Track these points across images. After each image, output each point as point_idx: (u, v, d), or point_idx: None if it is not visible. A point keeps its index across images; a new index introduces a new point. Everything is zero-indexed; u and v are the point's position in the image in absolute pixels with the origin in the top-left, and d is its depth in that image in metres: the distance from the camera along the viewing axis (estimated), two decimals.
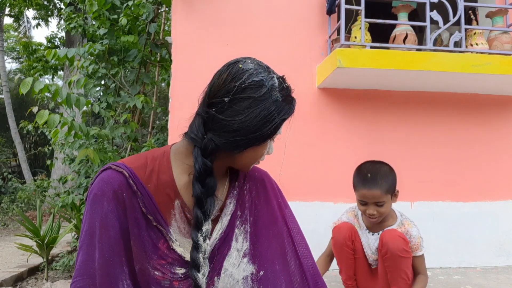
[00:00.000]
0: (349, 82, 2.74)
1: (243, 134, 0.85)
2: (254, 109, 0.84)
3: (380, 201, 1.67)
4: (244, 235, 0.95)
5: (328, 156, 2.80)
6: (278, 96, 0.86)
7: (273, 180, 1.07)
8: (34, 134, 11.83)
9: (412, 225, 1.76)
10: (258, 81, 0.85)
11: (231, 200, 0.97)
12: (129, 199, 0.85)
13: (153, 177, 0.89)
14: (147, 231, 0.87)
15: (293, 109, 0.90)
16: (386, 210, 1.71)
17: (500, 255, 2.90)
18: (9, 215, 8.21)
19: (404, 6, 2.62)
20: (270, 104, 0.85)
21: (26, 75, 11.95)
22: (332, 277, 2.34)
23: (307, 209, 2.71)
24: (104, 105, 3.72)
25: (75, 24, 4.38)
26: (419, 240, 1.71)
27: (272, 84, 0.86)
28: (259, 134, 0.85)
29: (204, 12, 2.78)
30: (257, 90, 0.84)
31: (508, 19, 2.83)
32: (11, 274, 3.19)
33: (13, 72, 17.10)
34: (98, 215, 0.83)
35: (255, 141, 0.86)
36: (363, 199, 1.71)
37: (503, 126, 3.01)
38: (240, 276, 0.92)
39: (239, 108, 0.84)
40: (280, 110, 0.86)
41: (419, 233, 1.73)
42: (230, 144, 0.86)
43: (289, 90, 0.91)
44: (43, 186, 8.80)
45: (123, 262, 0.84)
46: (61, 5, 11.45)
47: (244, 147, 0.87)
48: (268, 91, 0.85)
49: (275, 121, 0.86)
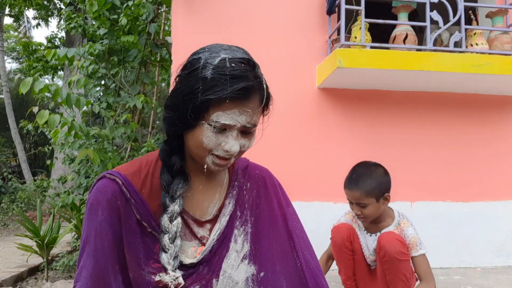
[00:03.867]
0: (349, 82, 2.74)
1: (172, 109, 0.83)
2: (181, 85, 0.81)
3: (361, 203, 1.68)
4: (245, 236, 0.93)
5: (328, 156, 2.80)
6: (208, 73, 0.77)
7: (275, 178, 1.05)
8: (34, 134, 11.83)
9: (408, 224, 1.74)
10: (196, 59, 0.81)
11: (230, 200, 0.95)
12: (123, 207, 0.85)
13: (147, 182, 0.89)
14: (141, 237, 0.86)
15: (226, 89, 0.76)
16: (370, 213, 1.70)
17: (500, 255, 2.90)
18: (9, 215, 8.21)
19: (404, 6, 2.62)
20: (196, 81, 0.78)
21: (26, 75, 11.95)
22: (332, 277, 2.34)
23: (307, 209, 2.71)
24: (104, 105, 3.72)
25: (75, 24, 4.38)
26: (414, 240, 1.68)
27: (209, 62, 0.78)
28: (182, 113, 0.79)
29: (204, 12, 2.79)
30: (190, 68, 0.81)
31: (508, 19, 2.82)
32: (11, 274, 3.19)
33: (13, 72, 17.10)
34: (93, 224, 0.84)
35: (183, 122, 0.81)
36: (348, 198, 1.76)
37: (503, 126, 3.01)
38: (240, 278, 0.90)
39: (175, 86, 0.84)
40: (207, 88, 0.76)
41: (415, 232, 1.71)
42: (165, 122, 0.86)
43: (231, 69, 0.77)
44: (43, 186, 8.80)
45: (117, 270, 0.85)
46: (61, 5, 11.45)
47: (173, 125, 0.84)
48: (199, 68, 0.78)
49: (198, 99, 0.77)
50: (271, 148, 2.65)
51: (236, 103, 0.78)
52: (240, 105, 0.79)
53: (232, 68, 0.77)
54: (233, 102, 0.78)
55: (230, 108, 0.78)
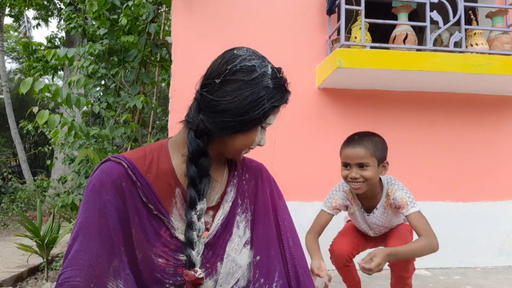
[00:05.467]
0: (349, 82, 2.74)
1: (231, 115, 0.86)
2: (243, 91, 0.85)
3: (364, 162, 1.58)
4: (246, 223, 0.98)
5: (328, 156, 2.80)
6: (270, 83, 0.87)
7: (268, 172, 1.11)
8: (34, 134, 11.84)
9: (395, 189, 1.67)
10: (250, 66, 0.87)
11: (231, 188, 1.00)
12: (128, 189, 0.87)
13: (153, 167, 0.91)
14: (148, 219, 0.88)
15: (286, 99, 0.91)
16: (370, 176, 1.58)
17: (500, 255, 2.90)
18: (9, 215, 8.20)
19: (404, 6, 2.62)
20: (260, 89, 0.86)
21: (26, 75, 11.94)
22: (332, 277, 2.33)
23: (307, 209, 2.70)
24: (104, 105, 3.73)
25: (75, 24, 4.39)
26: (403, 200, 1.61)
27: (265, 71, 0.88)
28: (247, 118, 0.86)
29: (204, 12, 2.78)
30: (248, 74, 0.86)
31: (508, 19, 2.82)
32: (11, 274, 3.19)
33: (13, 72, 17.10)
34: (96, 206, 0.84)
35: (244, 125, 0.87)
36: (346, 160, 1.63)
37: (503, 126, 3.01)
38: (243, 262, 0.95)
39: (228, 89, 0.86)
40: (271, 96, 0.87)
41: (403, 193, 1.64)
42: (218, 125, 0.87)
43: (283, 80, 0.91)
44: (43, 186, 8.80)
45: (122, 252, 0.85)
46: (61, 5, 11.45)
47: (232, 130, 0.87)
48: (259, 76, 0.86)
49: (265, 106, 0.86)
50: (271, 148, 2.65)
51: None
52: None
53: (281, 77, 0.91)
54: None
55: (278, 112, 0.93)
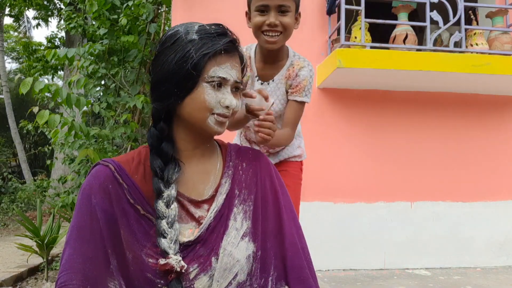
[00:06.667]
0: (349, 82, 2.74)
1: (166, 80, 0.86)
2: (170, 55, 0.86)
3: (285, 4, 1.35)
4: (244, 215, 0.95)
5: (328, 156, 2.80)
6: (194, 36, 0.86)
7: (268, 159, 1.07)
8: (34, 134, 11.83)
9: (303, 64, 1.47)
10: (173, 32, 0.88)
11: (226, 180, 0.97)
12: (115, 191, 0.88)
13: (140, 168, 0.91)
14: (137, 220, 0.88)
15: (218, 43, 0.85)
16: (290, 24, 1.37)
17: (500, 255, 2.90)
18: (9, 215, 8.21)
19: (404, 6, 2.62)
20: (185, 44, 0.85)
21: (26, 75, 11.95)
22: (332, 277, 2.34)
23: (307, 209, 2.71)
24: (104, 105, 3.73)
25: (75, 24, 4.39)
26: (304, 83, 1.43)
27: (188, 30, 0.87)
28: (182, 75, 0.85)
29: (204, 12, 2.79)
30: (171, 39, 0.87)
31: (508, 19, 2.83)
32: (11, 274, 3.19)
33: (13, 72, 17.09)
34: (87, 209, 0.86)
35: (182, 86, 0.86)
36: (264, 2, 1.36)
37: (503, 126, 3.01)
38: (241, 255, 0.91)
39: (159, 61, 0.88)
40: (199, 47, 0.85)
41: (309, 76, 1.44)
42: (161, 99, 0.88)
43: (213, 29, 0.87)
44: (43, 186, 8.80)
45: (109, 254, 0.85)
46: (61, 5, 11.45)
47: (174, 96, 0.87)
48: (183, 35, 0.86)
49: (193, 58, 0.84)
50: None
51: (228, 57, 0.87)
52: (230, 59, 0.88)
53: (213, 29, 0.87)
54: (226, 55, 0.87)
55: (223, 62, 0.86)
